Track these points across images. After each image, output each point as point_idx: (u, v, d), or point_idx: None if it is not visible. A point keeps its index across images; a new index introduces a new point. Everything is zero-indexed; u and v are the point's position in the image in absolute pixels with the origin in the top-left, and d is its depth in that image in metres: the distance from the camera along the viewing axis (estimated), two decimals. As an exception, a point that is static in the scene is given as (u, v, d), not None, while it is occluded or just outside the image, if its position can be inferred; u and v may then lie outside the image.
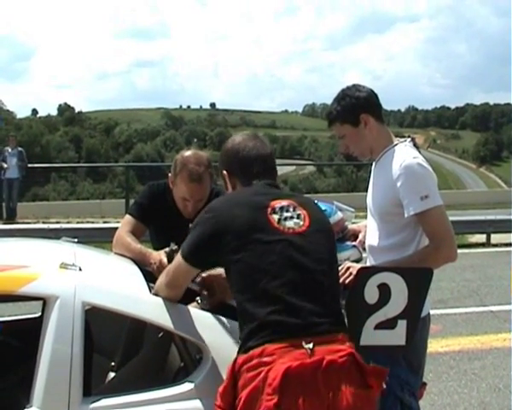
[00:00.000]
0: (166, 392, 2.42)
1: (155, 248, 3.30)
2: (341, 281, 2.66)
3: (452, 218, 3.00)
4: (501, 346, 6.18)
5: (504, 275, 8.84)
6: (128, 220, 3.37)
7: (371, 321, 2.56)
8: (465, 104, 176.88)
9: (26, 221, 14.06)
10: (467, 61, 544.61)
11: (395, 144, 2.98)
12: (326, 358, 2.05)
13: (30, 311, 3.77)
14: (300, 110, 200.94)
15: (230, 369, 2.14)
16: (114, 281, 2.82)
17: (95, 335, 3.03)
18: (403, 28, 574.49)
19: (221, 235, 2.28)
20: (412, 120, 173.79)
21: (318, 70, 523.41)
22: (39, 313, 3.35)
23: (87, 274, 2.63)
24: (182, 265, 2.45)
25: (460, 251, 2.97)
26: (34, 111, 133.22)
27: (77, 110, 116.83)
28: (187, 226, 3.32)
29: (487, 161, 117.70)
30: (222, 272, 2.57)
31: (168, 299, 2.57)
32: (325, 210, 2.83)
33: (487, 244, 12.76)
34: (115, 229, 3.42)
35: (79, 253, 2.97)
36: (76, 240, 3.46)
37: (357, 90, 2.98)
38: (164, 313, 2.57)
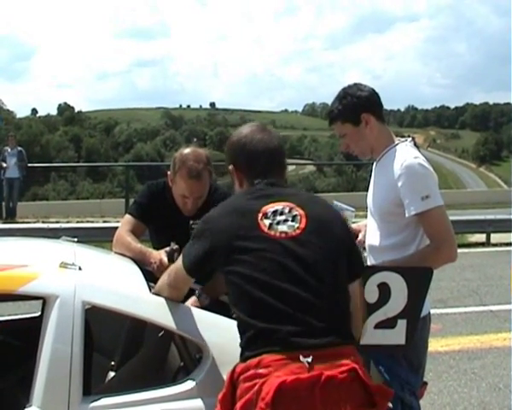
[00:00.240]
0: (166, 391, 2.42)
1: (155, 247, 3.30)
2: None
3: (452, 217, 3.00)
4: (501, 345, 6.18)
5: (504, 274, 8.85)
6: (128, 220, 3.37)
7: (371, 320, 2.55)
8: (465, 104, 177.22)
9: (26, 221, 14.06)
10: (466, 61, 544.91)
11: (396, 144, 2.98)
12: (324, 373, 1.95)
13: (30, 310, 3.77)
14: (300, 110, 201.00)
15: (229, 377, 2.09)
16: (114, 280, 2.81)
17: (95, 334, 3.03)
18: (403, 28, 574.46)
19: (214, 249, 2.23)
20: (412, 120, 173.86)
21: (318, 69, 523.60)
22: (39, 313, 3.34)
23: (87, 274, 2.62)
24: (183, 271, 2.40)
25: (460, 251, 2.97)
26: (34, 111, 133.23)
27: (77, 110, 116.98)
28: (187, 224, 3.34)
29: (487, 161, 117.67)
30: None
31: (170, 299, 2.56)
32: None
33: (487, 244, 12.77)
34: (115, 228, 3.42)
35: (79, 252, 2.97)
36: (76, 239, 3.46)
37: (358, 89, 2.98)
38: (163, 313, 2.57)
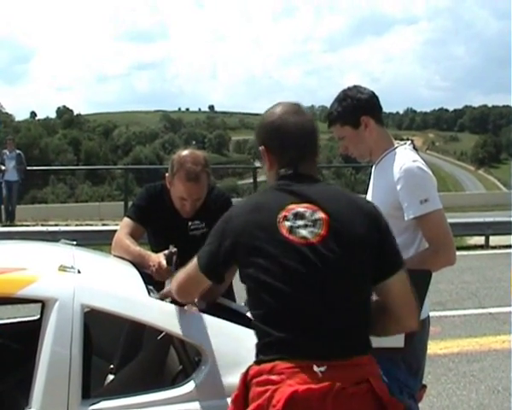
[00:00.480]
0: (165, 394, 2.42)
1: (154, 250, 3.30)
2: None
3: (451, 220, 3.01)
4: (500, 348, 6.18)
5: (503, 277, 8.85)
6: (126, 223, 3.37)
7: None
8: (464, 106, 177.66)
9: (25, 224, 14.04)
10: (465, 64, 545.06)
11: (395, 147, 2.98)
12: (337, 383, 1.90)
13: (29, 313, 3.76)
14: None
15: (243, 378, 2.06)
16: (113, 284, 2.81)
17: (94, 337, 3.03)
18: (401, 30, 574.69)
19: (233, 250, 2.12)
20: (411, 123, 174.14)
21: (317, 72, 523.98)
22: (38, 316, 3.34)
23: (86, 277, 2.62)
24: (197, 273, 2.28)
25: (459, 253, 2.97)
26: (33, 113, 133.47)
27: (76, 113, 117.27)
28: (185, 226, 3.34)
29: (486, 163, 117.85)
30: None
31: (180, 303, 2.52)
32: None
33: (486, 246, 12.79)
34: (114, 231, 3.42)
35: (78, 255, 2.97)
36: (75, 242, 3.46)
37: (358, 91, 2.97)
38: (162, 316, 2.57)
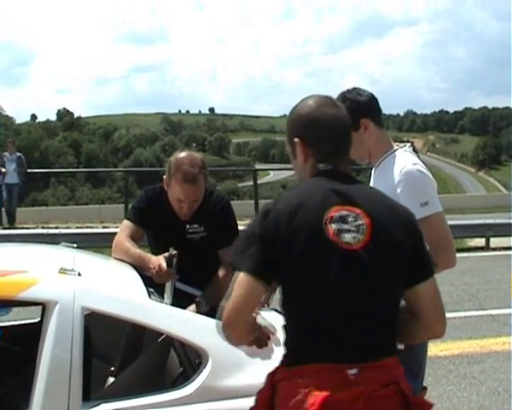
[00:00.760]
0: (166, 397, 2.42)
1: (154, 252, 3.30)
2: None
3: (451, 222, 3.01)
4: (500, 349, 6.17)
5: (503, 279, 8.84)
6: (126, 225, 3.37)
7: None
8: (464, 108, 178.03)
9: (26, 226, 14.04)
10: (465, 65, 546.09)
11: (395, 150, 2.98)
12: (369, 386, 1.90)
13: (29, 316, 3.76)
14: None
15: (270, 379, 2.03)
16: (113, 286, 2.82)
17: (94, 340, 3.03)
18: (401, 32, 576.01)
19: (275, 247, 1.98)
20: (411, 125, 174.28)
21: (317, 74, 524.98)
22: (39, 319, 3.34)
23: (86, 279, 2.63)
24: (248, 279, 2.00)
25: (459, 255, 2.96)
26: (33, 116, 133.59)
27: (76, 115, 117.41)
28: (183, 229, 3.34)
29: (486, 165, 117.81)
30: None
31: (243, 325, 2.06)
32: None
33: (486, 248, 12.75)
34: (114, 234, 3.42)
35: (78, 258, 2.97)
36: (75, 245, 3.47)
37: (357, 93, 2.96)
38: (163, 318, 2.58)
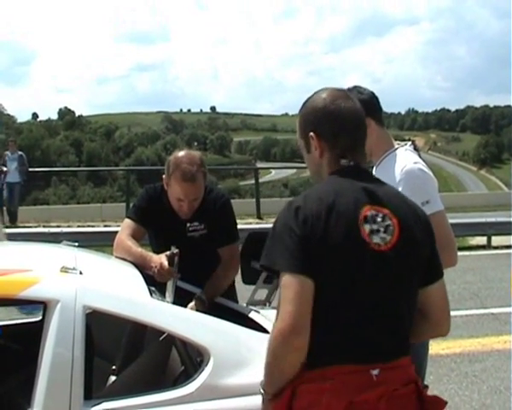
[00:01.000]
0: (167, 395, 2.42)
1: (155, 251, 3.31)
2: None
3: (453, 220, 3.00)
4: (502, 348, 6.16)
5: (505, 277, 8.82)
6: (128, 224, 3.38)
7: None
8: (465, 106, 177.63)
9: (27, 225, 14.02)
10: (467, 64, 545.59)
11: (395, 148, 2.98)
12: (390, 386, 1.92)
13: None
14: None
15: (290, 380, 1.95)
16: (115, 285, 2.82)
17: (96, 338, 3.03)
18: (403, 31, 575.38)
19: (310, 239, 1.91)
20: (412, 123, 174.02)
21: (318, 73, 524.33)
22: (40, 317, 3.35)
23: (88, 278, 2.63)
24: (297, 279, 1.90)
25: (461, 253, 2.97)
26: (34, 115, 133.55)
27: (77, 114, 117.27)
28: (183, 228, 3.35)
29: (488, 164, 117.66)
30: None
31: (305, 338, 1.90)
32: None
33: (488, 246, 12.74)
34: (116, 233, 3.43)
35: (80, 257, 2.98)
36: (77, 244, 3.47)
37: (358, 92, 2.95)
38: (164, 317, 2.58)
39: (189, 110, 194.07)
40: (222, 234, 3.36)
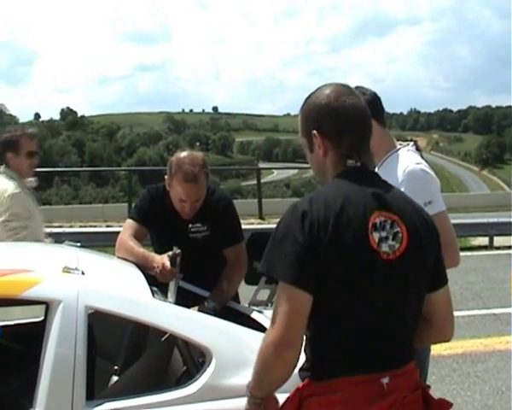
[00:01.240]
0: (169, 395, 2.42)
1: (157, 251, 3.30)
2: None
3: (455, 220, 3.00)
4: (504, 348, 6.16)
5: (507, 278, 8.81)
6: (130, 224, 3.37)
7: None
8: (467, 107, 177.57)
9: (29, 225, 14.01)
10: (469, 64, 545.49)
11: (398, 149, 2.97)
12: (401, 393, 1.89)
13: (33, 315, 3.76)
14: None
15: (297, 391, 1.94)
16: (117, 285, 2.82)
17: (98, 339, 3.03)
18: (404, 31, 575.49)
19: (315, 249, 1.84)
20: (414, 123, 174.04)
21: (320, 73, 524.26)
22: (42, 317, 3.35)
23: (90, 278, 2.63)
24: (290, 295, 1.83)
25: (463, 254, 2.96)
26: (37, 115, 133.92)
27: (79, 114, 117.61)
28: (185, 229, 3.34)
29: (490, 164, 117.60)
30: None
31: (297, 352, 1.86)
32: None
33: (490, 247, 12.72)
34: (118, 233, 3.43)
35: (82, 257, 2.98)
36: (79, 244, 3.47)
37: (360, 92, 2.94)
38: (166, 317, 2.57)
39: (191, 110, 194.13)
40: (226, 235, 3.35)
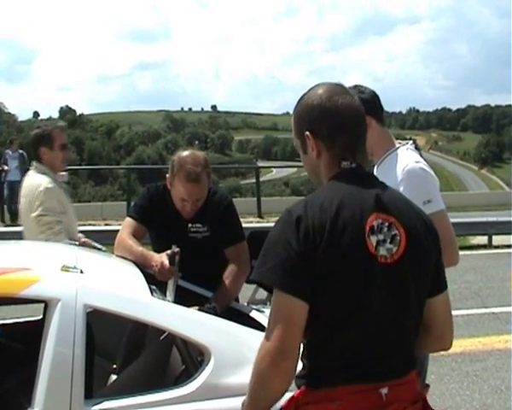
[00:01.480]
0: (168, 394, 2.42)
1: (156, 250, 3.30)
2: None
3: (454, 219, 3.00)
4: (502, 347, 6.17)
5: (506, 276, 8.82)
6: (129, 223, 3.37)
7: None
8: (466, 106, 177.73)
9: (28, 224, 14.01)
10: (468, 63, 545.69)
11: (397, 148, 2.97)
12: (401, 404, 1.83)
13: (32, 313, 3.76)
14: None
15: (292, 399, 1.89)
16: (116, 284, 2.81)
17: (96, 337, 3.03)
18: (404, 30, 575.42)
19: (310, 256, 1.78)
20: (413, 122, 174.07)
21: (319, 72, 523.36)
22: (41, 316, 3.35)
23: (89, 277, 2.62)
24: (285, 304, 1.79)
25: (462, 253, 2.96)
26: (36, 114, 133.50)
27: (78, 113, 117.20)
28: (185, 228, 3.34)
29: (489, 163, 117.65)
30: None
31: (293, 362, 1.81)
32: None
33: (489, 246, 12.75)
34: (117, 231, 3.42)
35: (81, 255, 2.97)
36: (77, 242, 3.47)
37: (359, 91, 2.93)
38: (165, 316, 2.57)
39: (190, 109, 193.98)
40: (227, 235, 3.34)
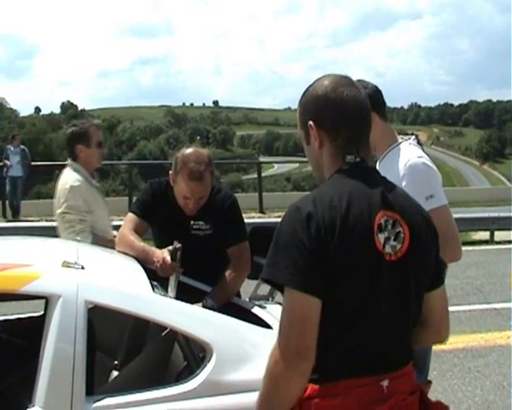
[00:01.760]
0: (170, 391, 2.41)
1: (158, 246, 3.29)
2: None
3: (456, 215, 2.99)
4: (504, 343, 6.16)
5: (508, 272, 8.80)
6: (130, 218, 3.36)
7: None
8: (468, 101, 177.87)
9: (30, 219, 14.02)
10: (470, 58, 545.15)
11: (399, 143, 2.96)
12: (400, 396, 1.85)
13: (33, 309, 3.76)
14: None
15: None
16: (117, 280, 2.81)
17: (97, 333, 3.03)
18: (406, 25, 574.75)
19: (321, 253, 1.77)
20: (415, 117, 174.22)
21: (321, 67, 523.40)
22: (42, 312, 3.34)
23: (90, 273, 2.62)
24: (300, 302, 1.76)
25: (463, 248, 2.95)
26: (37, 109, 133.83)
27: (80, 108, 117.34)
28: (187, 225, 3.33)
29: (490, 158, 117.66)
30: None
31: (311, 361, 1.77)
32: None
33: (491, 241, 12.75)
34: (118, 227, 3.42)
35: (82, 251, 2.96)
36: (79, 238, 3.46)
37: (362, 86, 2.92)
38: (166, 312, 2.57)
39: (192, 104, 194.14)
40: (230, 234, 3.33)
